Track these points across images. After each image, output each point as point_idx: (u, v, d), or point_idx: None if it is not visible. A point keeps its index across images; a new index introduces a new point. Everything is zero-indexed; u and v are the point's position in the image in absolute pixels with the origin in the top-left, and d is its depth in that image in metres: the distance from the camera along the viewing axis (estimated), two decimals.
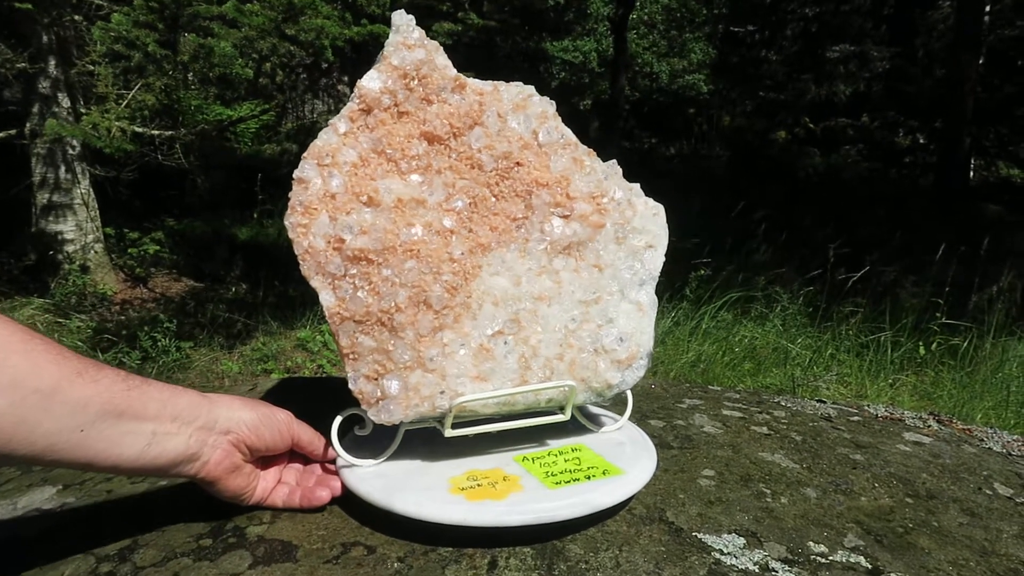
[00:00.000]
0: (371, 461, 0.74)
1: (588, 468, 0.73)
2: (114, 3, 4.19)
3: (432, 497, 0.68)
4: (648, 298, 0.79)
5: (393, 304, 0.71)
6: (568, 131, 0.79)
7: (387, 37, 0.75)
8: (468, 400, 0.72)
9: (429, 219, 0.73)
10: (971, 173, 9.46)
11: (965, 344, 3.56)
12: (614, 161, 0.80)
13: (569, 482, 0.70)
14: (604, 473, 0.72)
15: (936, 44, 11.03)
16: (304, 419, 0.75)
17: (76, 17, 4.49)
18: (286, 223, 0.71)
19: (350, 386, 0.71)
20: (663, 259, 0.80)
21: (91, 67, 4.52)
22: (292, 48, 3.61)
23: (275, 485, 0.73)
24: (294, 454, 0.76)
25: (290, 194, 0.71)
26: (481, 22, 4.34)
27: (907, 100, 11.23)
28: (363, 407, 0.72)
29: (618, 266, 0.78)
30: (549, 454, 0.77)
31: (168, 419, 0.62)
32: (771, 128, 12.62)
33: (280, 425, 0.71)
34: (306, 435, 0.74)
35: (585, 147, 0.79)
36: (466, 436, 0.75)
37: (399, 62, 0.74)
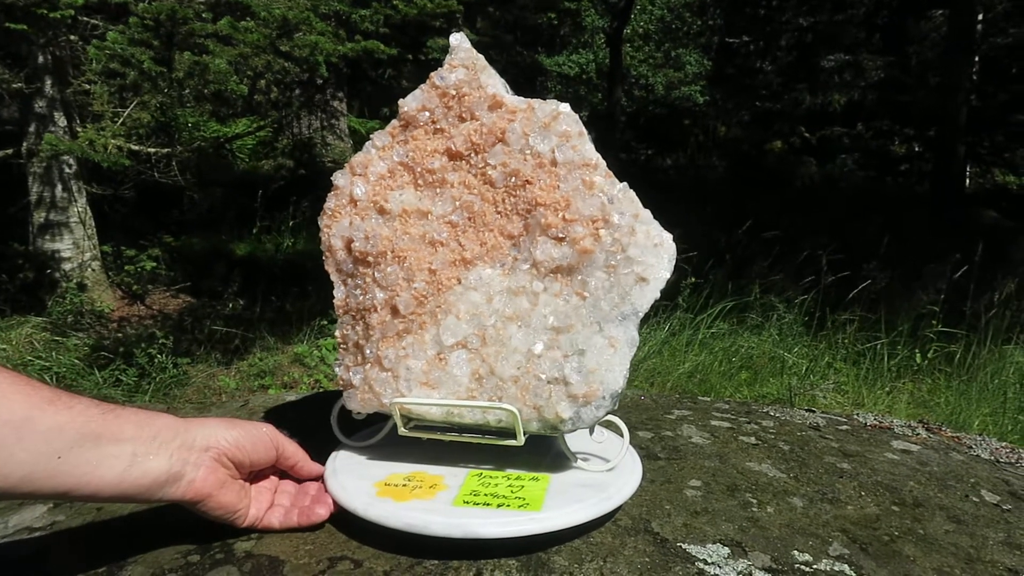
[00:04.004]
0: (355, 444, 0.83)
1: (515, 498, 0.70)
2: (110, 22, 4.22)
3: (358, 487, 0.72)
4: (625, 335, 0.73)
5: (371, 303, 0.77)
6: (589, 151, 0.76)
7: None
8: (405, 402, 0.75)
9: (427, 229, 0.77)
10: (967, 180, 9.48)
11: (961, 351, 3.56)
12: (625, 184, 0.76)
13: (476, 504, 0.69)
14: (521, 507, 0.68)
15: (929, 53, 11.07)
16: (300, 435, 0.77)
17: (72, 37, 4.52)
18: (319, 222, 0.82)
19: (335, 370, 0.81)
20: (656, 295, 0.73)
21: (87, 86, 4.54)
22: (287, 65, 3.63)
23: (268, 507, 0.72)
24: (284, 477, 0.76)
25: (328, 196, 0.82)
26: (475, 37, 4.36)
27: (902, 109, 11.27)
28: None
29: (599, 296, 0.73)
30: (505, 476, 0.75)
31: (147, 439, 0.62)
32: (767, 138, 12.66)
33: (263, 437, 0.71)
34: (290, 447, 0.74)
35: (604, 168, 0.76)
36: (441, 440, 0.79)
37: (440, 81, 0.80)
